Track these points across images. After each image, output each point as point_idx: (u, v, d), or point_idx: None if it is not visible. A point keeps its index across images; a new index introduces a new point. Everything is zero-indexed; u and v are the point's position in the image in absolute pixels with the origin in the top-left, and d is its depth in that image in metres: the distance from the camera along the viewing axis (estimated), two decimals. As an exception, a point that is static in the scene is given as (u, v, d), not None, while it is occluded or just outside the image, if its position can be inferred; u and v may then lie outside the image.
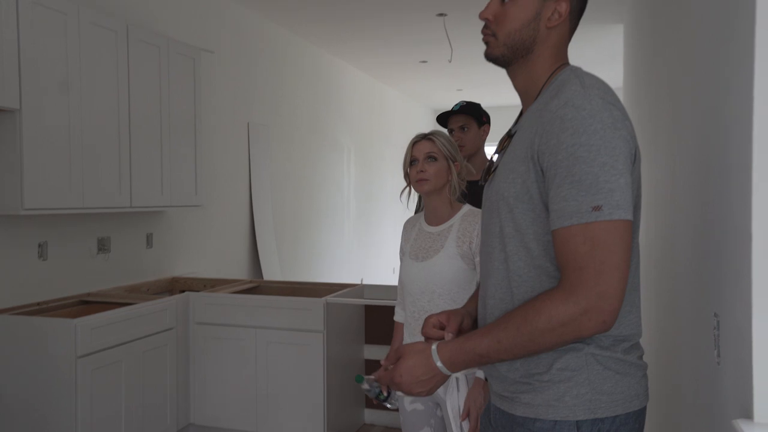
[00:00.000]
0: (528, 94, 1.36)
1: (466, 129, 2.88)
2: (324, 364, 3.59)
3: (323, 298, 3.64)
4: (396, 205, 9.55)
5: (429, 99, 10.49)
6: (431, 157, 2.24)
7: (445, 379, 1.27)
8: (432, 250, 2.26)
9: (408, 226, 2.52)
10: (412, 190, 2.43)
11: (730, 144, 1.25)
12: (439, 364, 1.23)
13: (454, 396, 2.15)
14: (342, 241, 7.68)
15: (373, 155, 8.81)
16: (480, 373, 2.08)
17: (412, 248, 2.35)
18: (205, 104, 4.49)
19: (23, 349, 3.15)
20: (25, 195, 3.05)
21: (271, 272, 5.67)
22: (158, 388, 3.58)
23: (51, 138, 3.19)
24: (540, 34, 1.30)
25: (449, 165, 2.25)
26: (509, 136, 1.40)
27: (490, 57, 1.37)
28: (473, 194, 2.43)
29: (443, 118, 2.99)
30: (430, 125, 11.51)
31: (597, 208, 1.11)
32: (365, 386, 2.56)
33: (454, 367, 1.25)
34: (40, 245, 3.48)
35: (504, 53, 1.33)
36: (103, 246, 3.91)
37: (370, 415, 4.08)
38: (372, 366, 3.91)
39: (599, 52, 6.88)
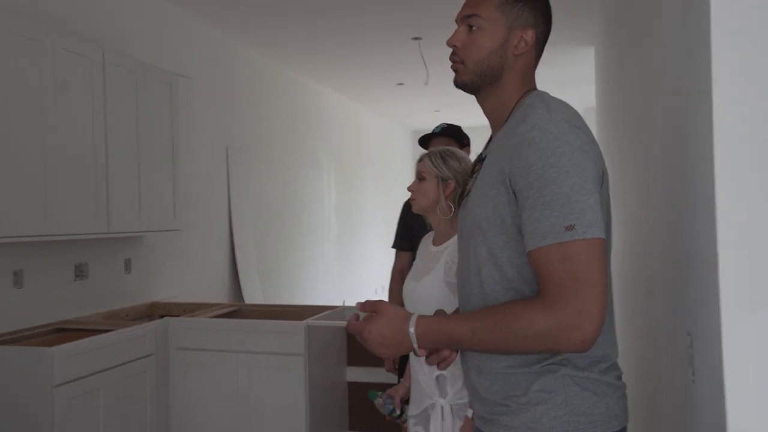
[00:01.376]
0: (497, 120, 1.37)
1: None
2: (306, 387, 3.57)
3: (304, 321, 3.63)
4: (377, 225, 9.62)
5: (407, 119, 10.59)
6: (420, 177, 2.22)
7: (409, 349, 1.26)
8: (425, 270, 2.24)
9: (422, 242, 2.46)
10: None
11: (694, 164, 1.26)
12: (411, 330, 1.23)
13: (438, 424, 2.12)
14: (323, 261, 7.72)
15: (353, 175, 8.86)
16: (469, 412, 1.98)
17: (414, 266, 2.34)
18: (183, 129, 4.50)
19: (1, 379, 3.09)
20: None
21: (252, 295, 5.68)
22: (138, 416, 3.56)
23: (24, 164, 3.15)
24: (507, 62, 1.32)
25: (438, 183, 2.20)
26: (480, 160, 1.41)
27: (459, 84, 1.38)
28: None
29: (424, 141, 3.01)
30: (408, 145, 11.63)
31: (570, 228, 1.11)
32: (378, 401, 2.51)
33: (424, 340, 1.24)
34: (15, 273, 3.45)
35: (473, 80, 1.34)
36: (80, 272, 3.89)
37: None
38: (355, 387, 3.93)
39: (572, 73, 7.03)
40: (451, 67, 1.38)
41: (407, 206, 3.02)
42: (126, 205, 3.83)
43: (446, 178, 2.17)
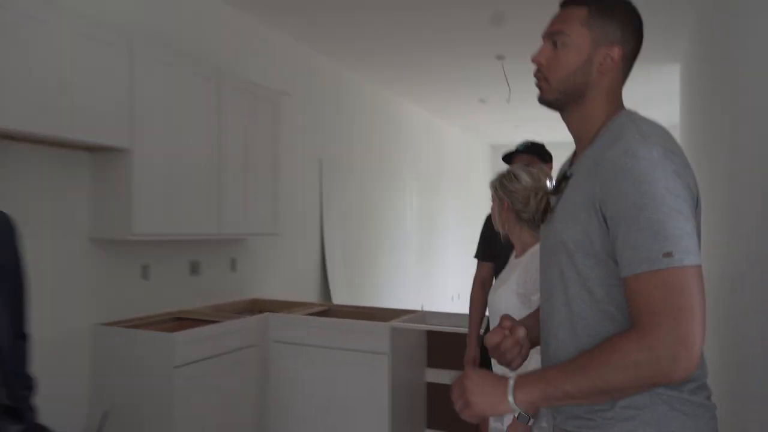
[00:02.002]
0: (582, 138, 1.32)
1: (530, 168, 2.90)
2: (389, 384, 3.59)
3: (389, 323, 3.66)
4: (455, 236, 9.63)
5: (487, 135, 10.39)
6: (492, 200, 2.32)
7: (503, 412, 1.18)
8: (504, 281, 2.29)
9: (511, 257, 2.46)
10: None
11: None
12: (510, 398, 1.14)
13: (509, 418, 2.10)
14: (403, 268, 7.71)
15: (433, 187, 8.79)
16: (516, 413, 1.92)
17: (500, 277, 2.38)
18: (282, 142, 4.64)
19: (128, 358, 3.30)
20: (133, 222, 3.24)
21: (339, 296, 5.75)
22: (241, 397, 3.68)
23: (155, 173, 3.37)
24: (592, 79, 1.26)
25: (500, 203, 2.27)
26: (566, 177, 1.35)
27: (543, 101, 1.33)
28: None
29: (508, 157, 3.01)
30: (487, 159, 11.47)
31: (668, 255, 1.05)
32: None
33: (528, 406, 1.16)
34: (143, 267, 3.71)
35: (557, 98, 1.29)
36: (194, 269, 4.12)
37: None
38: (433, 388, 3.95)
39: (654, 91, 6.75)
40: (536, 84, 1.33)
41: (489, 220, 3.02)
42: (234, 210, 3.99)
43: (501, 199, 2.23)
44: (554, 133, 9.15)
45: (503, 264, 2.64)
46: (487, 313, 2.80)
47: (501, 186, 2.25)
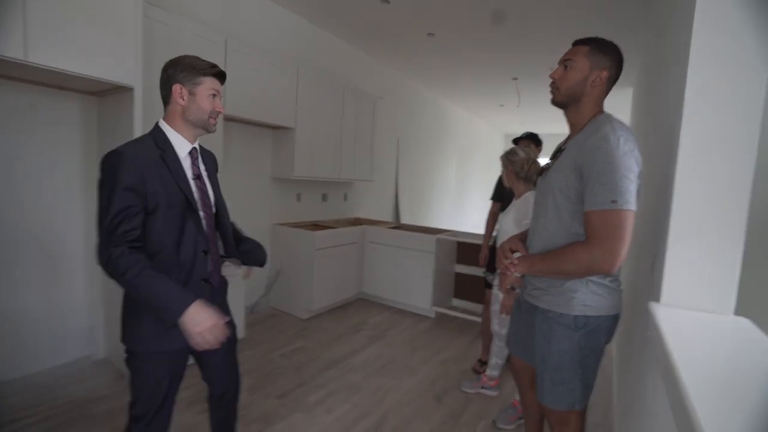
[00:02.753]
0: (575, 127, 1.28)
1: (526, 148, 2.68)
2: (433, 270, 3.67)
3: (435, 236, 3.69)
4: (477, 190, 9.57)
5: (502, 127, 9.84)
6: (503, 165, 2.24)
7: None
8: (507, 213, 2.23)
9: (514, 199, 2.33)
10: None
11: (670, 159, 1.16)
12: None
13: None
14: (444, 208, 7.55)
15: (466, 159, 8.55)
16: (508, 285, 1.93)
17: (506, 209, 2.29)
18: (376, 126, 4.69)
19: (291, 243, 3.53)
20: (294, 168, 3.45)
21: (405, 219, 5.82)
22: (349, 271, 3.86)
23: (306, 141, 3.54)
24: (586, 90, 1.22)
25: (506, 168, 2.22)
26: (560, 150, 1.32)
27: (554, 102, 1.29)
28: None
29: (516, 141, 2.83)
30: (501, 142, 10.81)
31: (614, 202, 1.07)
32: (489, 276, 2.61)
33: (520, 270, 1.27)
34: (297, 194, 3.93)
35: (563, 100, 1.26)
36: (324, 198, 4.29)
37: (454, 302, 4.08)
38: (459, 276, 3.97)
39: (613, 108, 6.31)
40: (550, 91, 1.28)
41: (500, 178, 2.89)
42: (348, 165, 4.10)
43: (507, 165, 2.19)
44: (545, 128, 9.00)
45: (507, 204, 2.70)
46: (494, 232, 2.88)
47: (508, 158, 2.22)
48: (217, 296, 1.33)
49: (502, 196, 2.83)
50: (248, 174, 3.48)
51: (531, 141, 2.75)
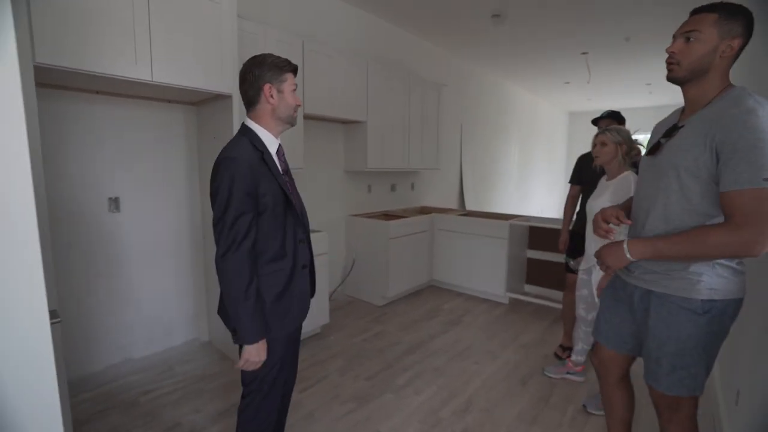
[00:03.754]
0: (697, 102, 1.15)
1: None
2: (507, 256, 3.64)
3: (507, 221, 3.67)
4: (541, 172, 9.22)
5: (567, 105, 9.30)
6: (603, 143, 2.09)
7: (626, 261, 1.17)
8: (600, 194, 2.13)
9: (601, 180, 2.23)
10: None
11: None
12: (627, 255, 1.15)
13: (597, 274, 2.10)
14: (507, 192, 7.42)
15: (529, 141, 8.27)
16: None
17: (595, 192, 2.20)
18: (441, 113, 4.59)
19: (365, 233, 3.61)
20: (368, 160, 3.54)
21: (470, 205, 5.78)
22: (421, 256, 3.90)
23: (376, 135, 3.60)
24: (714, 62, 1.11)
25: (617, 147, 2.06)
26: (676, 127, 1.20)
27: (673, 79, 1.17)
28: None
29: (596, 120, 2.69)
30: (565, 122, 10.33)
31: (766, 180, 0.97)
32: (571, 263, 2.57)
33: (638, 258, 1.15)
34: (368, 186, 4.03)
35: (685, 75, 1.14)
36: (393, 188, 4.35)
37: (527, 287, 4.02)
38: (531, 261, 3.91)
39: None
40: (667, 66, 1.17)
41: (581, 159, 2.77)
42: (415, 154, 4.11)
43: (620, 143, 2.07)
44: (612, 104, 8.54)
45: (588, 186, 2.58)
46: (573, 217, 2.77)
47: (620, 135, 2.06)
48: (313, 280, 1.42)
49: (581, 179, 2.71)
50: (323, 168, 3.63)
51: (613, 120, 2.59)
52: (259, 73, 1.25)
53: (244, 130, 1.29)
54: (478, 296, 3.96)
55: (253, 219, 1.17)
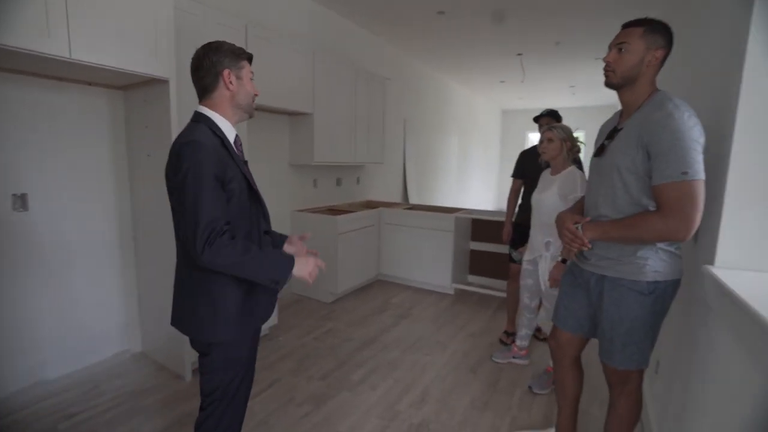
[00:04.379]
0: (630, 106, 1.28)
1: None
2: (452, 248, 3.74)
3: (453, 215, 3.75)
4: (478, 166, 9.61)
5: (500, 103, 9.80)
6: (550, 140, 2.17)
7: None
8: (546, 188, 2.21)
9: (543, 174, 2.33)
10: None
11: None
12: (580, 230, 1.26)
13: (545, 264, 2.22)
14: (448, 185, 7.62)
15: (467, 136, 8.55)
16: (559, 258, 2.05)
17: (539, 186, 2.29)
18: (387, 107, 4.62)
19: (312, 229, 3.46)
20: (314, 153, 3.43)
21: (413, 199, 5.84)
22: (369, 251, 3.91)
23: (323, 127, 3.48)
24: (642, 70, 1.23)
25: (562, 143, 2.15)
26: (617, 130, 1.32)
27: (609, 84, 1.29)
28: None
29: (537, 118, 2.76)
30: (498, 118, 10.78)
31: (684, 173, 1.10)
32: (515, 253, 2.66)
33: (589, 236, 1.27)
34: (314, 180, 3.92)
35: (619, 82, 1.27)
36: (338, 182, 4.28)
37: (470, 278, 4.13)
38: (474, 252, 4.04)
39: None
40: (605, 74, 1.29)
41: (523, 155, 2.84)
42: (361, 148, 4.08)
43: (565, 139, 2.16)
44: (543, 103, 8.97)
45: (530, 180, 2.68)
46: (516, 209, 2.88)
47: (565, 132, 2.17)
48: None
49: (524, 173, 2.81)
50: (267, 162, 3.47)
51: (552, 118, 2.70)
52: (216, 59, 1.20)
53: (199, 117, 1.22)
54: (425, 288, 4.04)
55: (225, 203, 1.12)
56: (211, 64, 1.19)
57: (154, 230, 2.34)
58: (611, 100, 8.58)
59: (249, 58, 1.27)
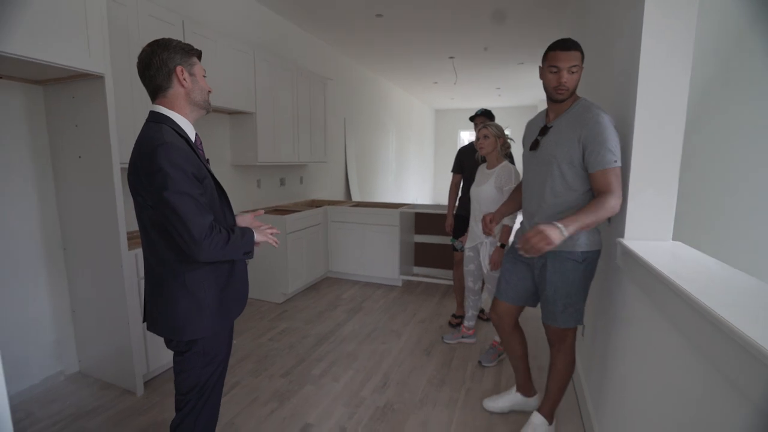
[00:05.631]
0: (560, 109, 1.50)
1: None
2: (399, 242, 3.86)
3: (398, 210, 3.88)
4: (415, 163, 9.89)
5: (433, 103, 10.11)
6: (486, 136, 2.31)
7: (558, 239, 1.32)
8: (483, 181, 2.33)
9: (479, 168, 2.48)
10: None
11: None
12: (564, 233, 1.31)
13: (485, 250, 2.37)
14: (388, 182, 7.78)
15: (404, 134, 8.74)
16: (498, 244, 2.23)
17: (476, 179, 2.42)
18: (328, 107, 4.60)
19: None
20: (258, 154, 3.37)
21: (355, 196, 5.84)
22: (316, 249, 3.92)
23: (267, 126, 3.45)
24: (577, 85, 1.47)
25: (496, 140, 2.30)
26: (547, 128, 1.52)
27: (562, 98, 1.48)
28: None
29: (473, 117, 2.89)
30: (432, 118, 11.11)
31: (615, 161, 1.33)
32: (456, 243, 2.79)
33: (570, 231, 1.33)
34: (258, 180, 3.84)
35: (568, 96, 1.47)
36: (282, 182, 4.23)
37: (415, 269, 4.26)
38: (418, 245, 4.19)
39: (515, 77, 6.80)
40: (558, 92, 1.46)
41: (461, 152, 2.96)
42: (304, 147, 4.03)
43: (499, 136, 2.33)
44: (472, 103, 9.47)
45: (468, 175, 2.86)
46: (456, 201, 3.05)
47: (498, 130, 2.32)
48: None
49: (462, 168, 2.97)
50: (211, 161, 3.33)
51: (487, 117, 2.86)
52: (167, 56, 1.18)
53: (158, 117, 1.19)
54: (374, 282, 4.13)
55: (205, 201, 1.15)
56: (161, 62, 1.17)
57: (87, 238, 2.17)
58: (532, 100, 9.34)
59: (198, 54, 1.26)
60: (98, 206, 2.06)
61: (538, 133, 1.55)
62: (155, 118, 1.18)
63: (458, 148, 3.11)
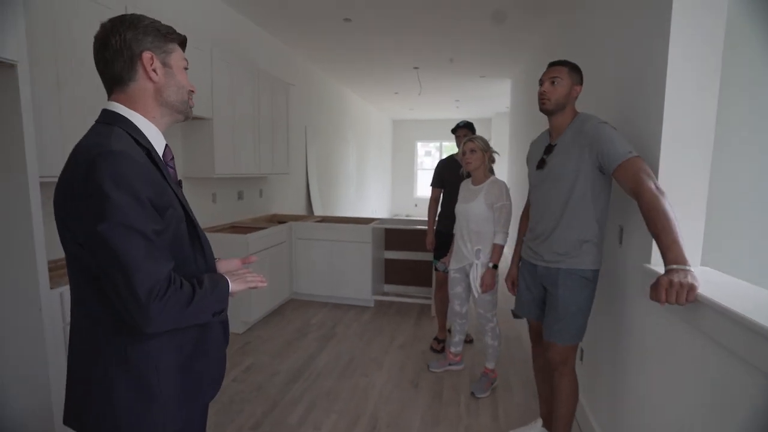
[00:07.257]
0: (560, 127, 1.53)
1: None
2: (371, 259, 3.68)
3: (370, 225, 3.69)
4: (376, 176, 9.77)
5: (391, 113, 10.14)
6: (472, 150, 2.22)
7: None
8: (471, 198, 2.25)
9: (463, 184, 2.38)
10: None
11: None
12: (694, 271, 1.11)
13: (476, 271, 2.24)
14: (349, 195, 7.62)
15: (364, 145, 8.66)
16: (490, 265, 2.17)
17: (462, 196, 2.32)
18: (290, 114, 4.39)
19: (216, 251, 3.04)
20: (215, 166, 3.04)
21: (317, 210, 5.64)
22: (281, 268, 3.67)
23: (225, 133, 3.15)
24: (569, 100, 1.51)
25: (483, 154, 2.22)
26: (551, 146, 1.55)
27: (544, 110, 1.53)
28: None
29: (455, 129, 2.79)
30: (390, 128, 11.19)
31: (630, 152, 1.31)
32: (438, 264, 2.66)
33: (687, 261, 1.11)
34: (213, 194, 3.50)
35: (552, 108, 1.51)
36: (240, 196, 3.90)
37: (386, 287, 4.12)
38: (389, 261, 4.04)
39: (496, 91, 6.95)
40: (541, 101, 1.52)
41: (441, 164, 2.84)
42: (265, 158, 3.77)
43: (486, 150, 2.23)
44: (431, 114, 9.45)
45: (450, 189, 2.71)
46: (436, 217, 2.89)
47: (487, 145, 2.25)
48: (227, 328, 1.11)
49: (443, 182, 2.83)
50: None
51: (469, 130, 2.75)
52: (132, 36, 0.86)
53: (112, 117, 0.87)
54: (344, 303, 3.88)
55: (164, 238, 0.82)
56: (122, 43, 0.85)
57: None
58: (489, 113, 9.53)
59: (182, 41, 0.95)
60: (8, 230, 1.60)
61: (543, 152, 1.57)
62: (106, 118, 0.87)
63: (438, 161, 2.96)
